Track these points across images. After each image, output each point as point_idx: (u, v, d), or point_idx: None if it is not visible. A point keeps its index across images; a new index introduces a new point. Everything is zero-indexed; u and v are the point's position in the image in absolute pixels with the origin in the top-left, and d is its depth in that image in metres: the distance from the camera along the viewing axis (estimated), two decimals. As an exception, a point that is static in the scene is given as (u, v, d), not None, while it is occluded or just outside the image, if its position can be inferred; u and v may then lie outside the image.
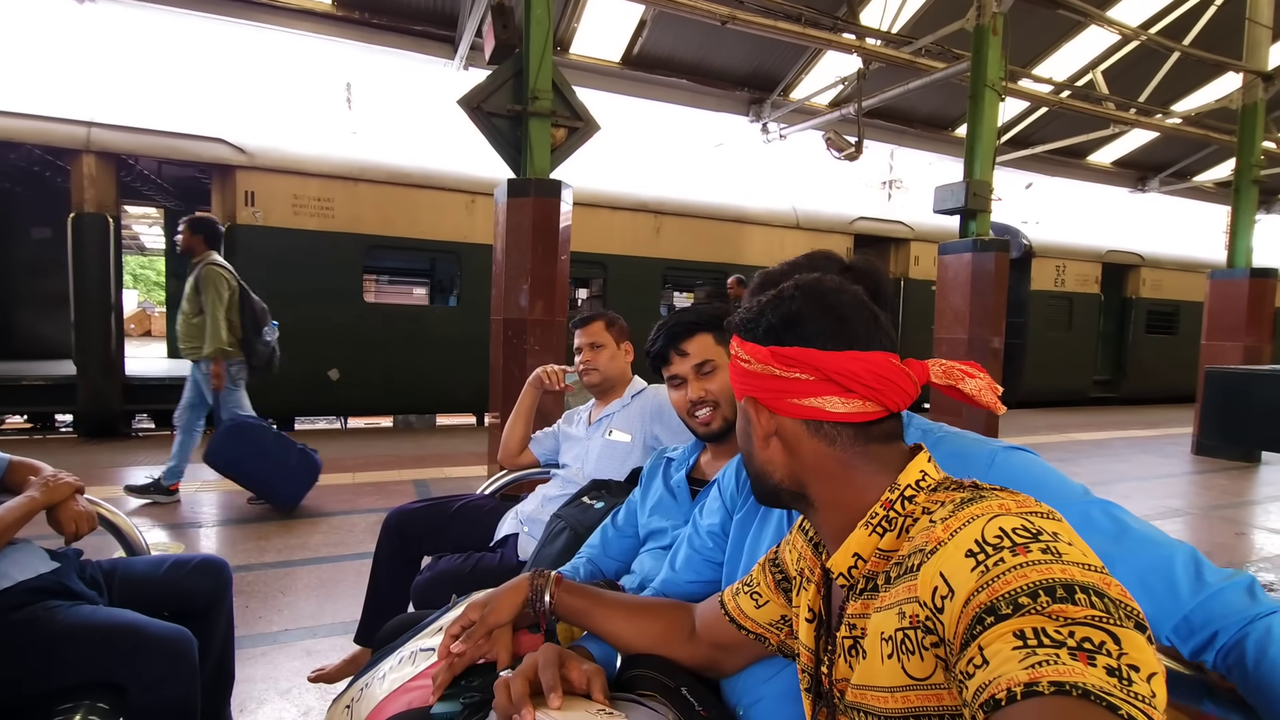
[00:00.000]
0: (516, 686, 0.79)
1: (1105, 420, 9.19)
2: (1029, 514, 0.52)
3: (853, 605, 0.64)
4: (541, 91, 3.70)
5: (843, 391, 0.66)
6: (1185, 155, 10.94)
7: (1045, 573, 0.46)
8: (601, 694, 0.82)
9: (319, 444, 5.99)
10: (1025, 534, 0.50)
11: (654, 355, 1.31)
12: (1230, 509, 4.80)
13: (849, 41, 6.15)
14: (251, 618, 2.53)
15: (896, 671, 0.56)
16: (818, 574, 0.75)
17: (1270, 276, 6.73)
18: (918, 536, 0.58)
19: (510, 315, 3.73)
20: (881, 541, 0.63)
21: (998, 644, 0.44)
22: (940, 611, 0.51)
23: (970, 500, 0.56)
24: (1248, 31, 6.88)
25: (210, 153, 6.26)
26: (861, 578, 0.64)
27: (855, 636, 0.63)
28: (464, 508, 1.89)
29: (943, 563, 0.52)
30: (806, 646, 0.73)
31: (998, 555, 0.49)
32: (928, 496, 0.63)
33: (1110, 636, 0.42)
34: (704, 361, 1.26)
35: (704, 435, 1.28)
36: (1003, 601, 0.46)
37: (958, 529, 0.53)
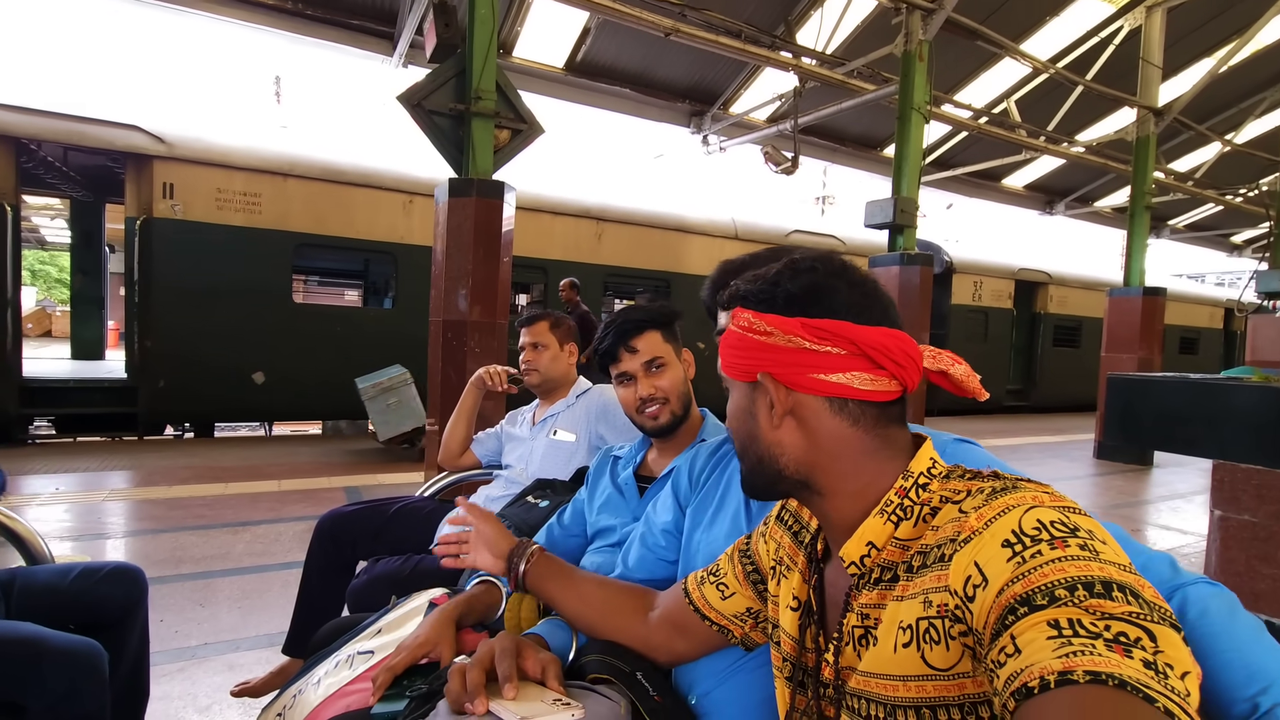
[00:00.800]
0: (473, 675, 0.78)
1: (1018, 427, 9.79)
2: (1065, 509, 0.51)
3: (866, 595, 0.62)
4: (485, 92, 3.67)
5: (873, 368, 0.64)
6: (1088, 181, 11.83)
7: (1084, 569, 0.45)
8: (557, 682, 0.82)
9: (240, 450, 5.70)
10: (1063, 528, 0.49)
11: (603, 353, 1.32)
12: (1127, 508, 5.20)
13: (786, 60, 6.37)
14: (166, 632, 2.38)
15: (913, 661, 0.55)
16: (801, 562, 0.74)
17: (1160, 295, 7.35)
18: (946, 526, 0.56)
19: (450, 317, 3.66)
20: (898, 530, 0.61)
21: (1031, 633, 0.44)
22: (971, 600, 0.50)
23: (1003, 490, 0.55)
24: (1141, 70, 7.52)
25: (124, 140, 5.88)
26: (876, 566, 0.62)
27: (867, 626, 0.61)
28: (402, 510, 1.84)
29: (977, 552, 0.51)
30: (790, 635, 0.72)
31: (1035, 547, 0.48)
32: (942, 485, 0.61)
33: (1146, 633, 0.42)
34: (654, 358, 1.28)
35: (652, 431, 1.30)
36: (1038, 593, 0.45)
37: (992, 518, 0.52)
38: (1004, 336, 11.62)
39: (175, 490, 4.33)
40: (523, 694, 0.79)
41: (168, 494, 4.25)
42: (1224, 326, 15.45)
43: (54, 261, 26.83)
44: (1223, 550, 2.29)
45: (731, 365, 0.70)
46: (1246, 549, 2.23)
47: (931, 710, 0.54)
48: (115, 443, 6.34)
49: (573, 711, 0.76)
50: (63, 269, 23.46)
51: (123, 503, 4.02)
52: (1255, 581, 2.21)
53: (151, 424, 6.47)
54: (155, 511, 3.85)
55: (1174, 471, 6.63)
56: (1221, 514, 2.30)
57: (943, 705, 0.53)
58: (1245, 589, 2.22)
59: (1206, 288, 18.49)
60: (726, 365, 0.71)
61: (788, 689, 0.72)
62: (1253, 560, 2.21)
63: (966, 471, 0.62)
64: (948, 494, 0.60)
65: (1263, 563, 2.20)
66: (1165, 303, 7.52)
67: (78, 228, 8.45)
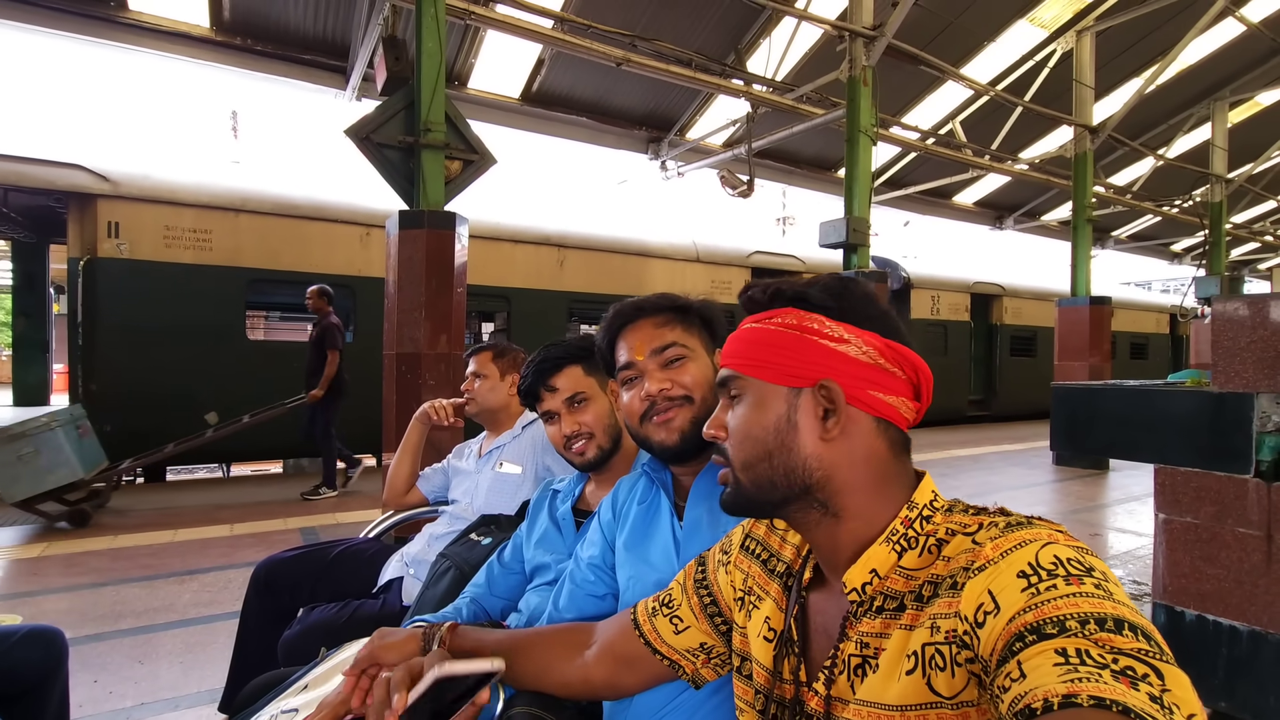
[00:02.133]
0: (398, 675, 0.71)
1: (980, 437, 9.97)
2: (1080, 549, 0.52)
3: (867, 623, 0.61)
4: (434, 124, 3.66)
5: (914, 397, 0.66)
6: (1034, 197, 12.28)
7: (1097, 606, 0.46)
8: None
9: (194, 493, 5.51)
10: (1079, 567, 0.50)
11: (524, 393, 1.30)
12: (1085, 512, 5.31)
13: (737, 87, 6.52)
14: (100, 694, 2.26)
15: (917, 689, 0.54)
16: (775, 591, 0.73)
17: (1106, 304, 7.61)
18: (959, 556, 0.57)
19: (404, 350, 3.61)
20: (902, 560, 0.61)
21: (1038, 659, 0.44)
22: (981, 626, 0.50)
23: (1019, 525, 0.56)
24: (1075, 90, 7.88)
25: (66, 180, 5.72)
26: (879, 594, 0.61)
27: (865, 655, 0.60)
28: (343, 554, 1.78)
29: (992, 580, 0.51)
30: (764, 667, 0.70)
31: (1051, 581, 0.48)
32: (945, 518, 0.62)
33: (1154, 671, 0.41)
34: (575, 394, 1.27)
35: (581, 466, 1.28)
36: (1049, 623, 0.46)
37: (1009, 550, 0.53)
38: (963, 349, 11.88)
39: (120, 540, 4.15)
40: None
41: (112, 544, 4.06)
42: (1170, 331, 16.05)
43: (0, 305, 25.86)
44: (1168, 553, 2.34)
45: (770, 365, 0.65)
46: (1190, 550, 2.28)
47: None
48: (59, 492, 6.05)
49: (492, 661, 0.73)
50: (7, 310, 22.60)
51: (62, 555, 3.83)
52: (1201, 582, 2.26)
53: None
54: (97, 564, 3.67)
55: (1129, 475, 6.80)
56: (1165, 517, 2.35)
57: None
58: (1191, 590, 2.27)
59: (1154, 295, 19.24)
60: (757, 364, 0.66)
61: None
62: (1197, 561, 2.26)
63: (970, 507, 0.63)
64: (955, 527, 0.60)
65: (1206, 564, 2.25)
66: (1112, 311, 7.79)
67: (20, 269, 8.16)
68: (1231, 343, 2.16)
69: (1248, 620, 2.12)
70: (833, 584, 0.68)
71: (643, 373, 1.00)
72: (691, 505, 0.98)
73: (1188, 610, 2.27)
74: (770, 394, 0.65)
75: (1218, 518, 2.21)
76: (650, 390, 0.97)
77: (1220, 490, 2.19)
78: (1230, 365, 2.16)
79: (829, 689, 0.62)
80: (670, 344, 1.00)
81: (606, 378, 1.32)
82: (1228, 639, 2.17)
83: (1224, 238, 10.97)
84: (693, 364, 1.00)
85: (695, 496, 0.98)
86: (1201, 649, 2.21)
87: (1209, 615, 2.23)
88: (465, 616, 1.25)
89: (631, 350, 1.01)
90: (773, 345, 0.65)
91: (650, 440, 0.99)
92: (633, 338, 1.02)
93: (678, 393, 0.97)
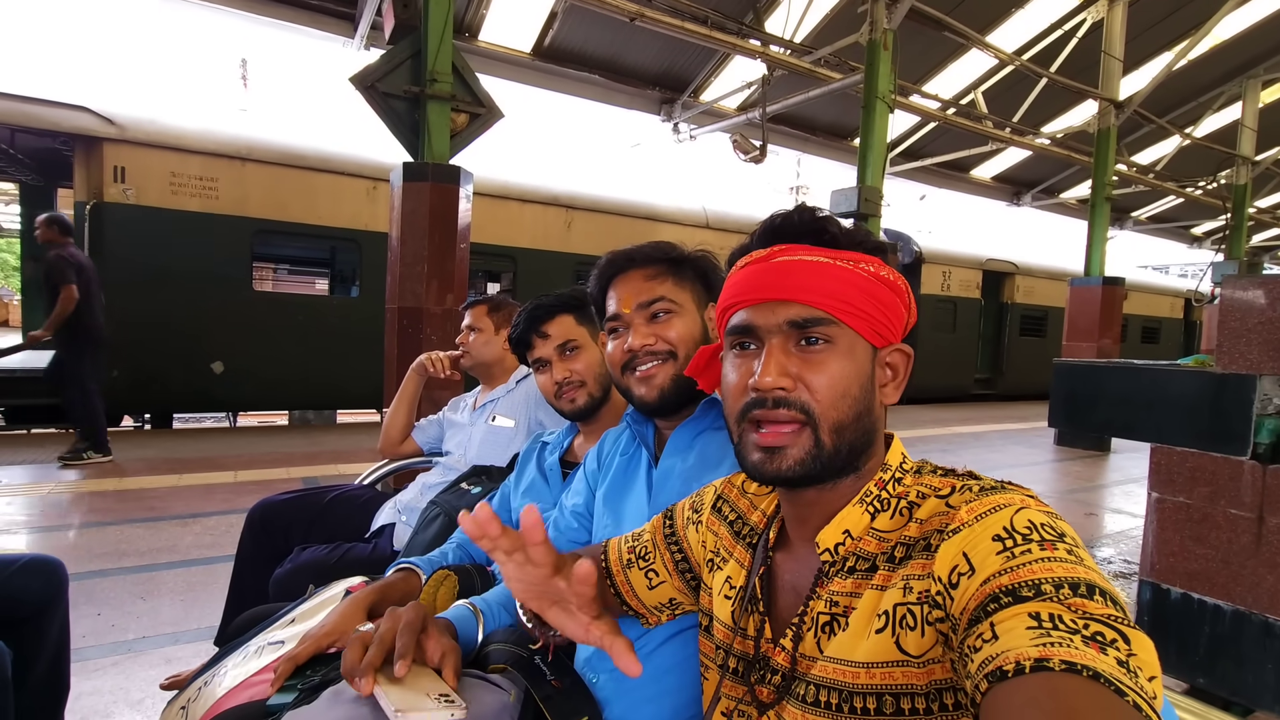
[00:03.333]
0: (372, 653, 0.75)
1: (983, 415, 9.96)
2: (1051, 514, 0.53)
3: (838, 583, 0.61)
4: (441, 74, 3.59)
5: None
6: (1054, 173, 12.02)
7: (1070, 570, 0.47)
8: (452, 674, 0.79)
9: (200, 441, 5.59)
10: (1052, 532, 0.50)
11: (516, 340, 1.30)
12: (1083, 492, 5.33)
13: (754, 48, 6.34)
14: (103, 626, 2.32)
15: (886, 647, 0.55)
16: (738, 553, 0.73)
17: (1119, 285, 7.50)
18: (932, 519, 0.57)
19: (405, 304, 3.60)
20: (874, 521, 0.61)
21: (1011, 622, 0.44)
22: (954, 587, 0.51)
23: (993, 489, 0.56)
24: (1103, 63, 7.64)
25: (72, 122, 5.67)
26: (851, 555, 0.61)
27: (835, 613, 0.60)
28: (338, 499, 1.81)
29: (966, 543, 0.52)
30: (724, 623, 0.71)
31: (1026, 545, 0.49)
32: (916, 480, 0.62)
33: (1122, 636, 0.43)
34: (567, 342, 1.27)
35: (571, 414, 1.28)
36: (1024, 586, 0.46)
37: (983, 513, 0.53)
38: (972, 326, 11.79)
39: (126, 482, 4.23)
40: (414, 680, 0.77)
41: (118, 485, 4.14)
42: (1184, 316, 15.86)
43: (10, 248, 25.94)
44: (1159, 531, 2.35)
45: (866, 316, 0.61)
46: (1181, 530, 2.29)
47: (894, 698, 0.54)
48: (69, 434, 6.16)
49: (453, 711, 0.72)
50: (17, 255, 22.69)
51: (69, 495, 3.91)
52: (1189, 561, 2.27)
53: (106, 415, 6.30)
54: (103, 504, 3.75)
55: (1130, 457, 6.80)
56: (1158, 496, 2.35)
57: (906, 693, 0.54)
58: (1179, 569, 2.29)
59: (1170, 279, 18.96)
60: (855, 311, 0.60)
61: (719, 676, 0.71)
62: (1186, 541, 2.27)
63: (938, 468, 0.63)
64: (926, 489, 0.61)
65: (1196, 543, 2.26)
66: (1124, 292, 7.68)
67: (28, 213, 8.17)
68: (1239, 324, 2.13)
69: (1232, 600, 2.14)
70: (800, 544, 0.68)
71: (628, 325, 0.98)
72: (667, 455, 0.98)
73: (1174, 588, 2.29)
74: (860, 348, 0.62)
75: (1211, 498, 2.21)
76: (633, 344, 0.96)
77: (1215, 471, 2.19)
78: (1235, 346, 2.13)
79: (796, 645, 0.62)
80: (658, 298, 0.97)
81: (598, 329, 1.32)
82: (1211, 617, 2.19)
83: (1246, 222, 10.74)
84: (679, 320, 0.97)
85: (672, 447, 0.98)
86: (1185, 626, 2.24)
87: (1194, 594, 2.25)
88: (451, 560, 1.27)
89: (620, 301, 0.99)
90: (870, 295, 0.61)
91: (631, 393, 0.99)
92: (622, 288, 1.00)
93: (661, 348, 0.96)
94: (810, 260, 0.62)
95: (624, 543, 0.86)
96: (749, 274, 0.64)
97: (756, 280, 0.63)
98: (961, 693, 0.52)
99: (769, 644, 0.66)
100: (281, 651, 1.03)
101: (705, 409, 0.97)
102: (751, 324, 0.63)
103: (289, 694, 0.87)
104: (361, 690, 0.73)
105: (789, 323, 0.61)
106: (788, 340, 0.61)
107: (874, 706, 0.55)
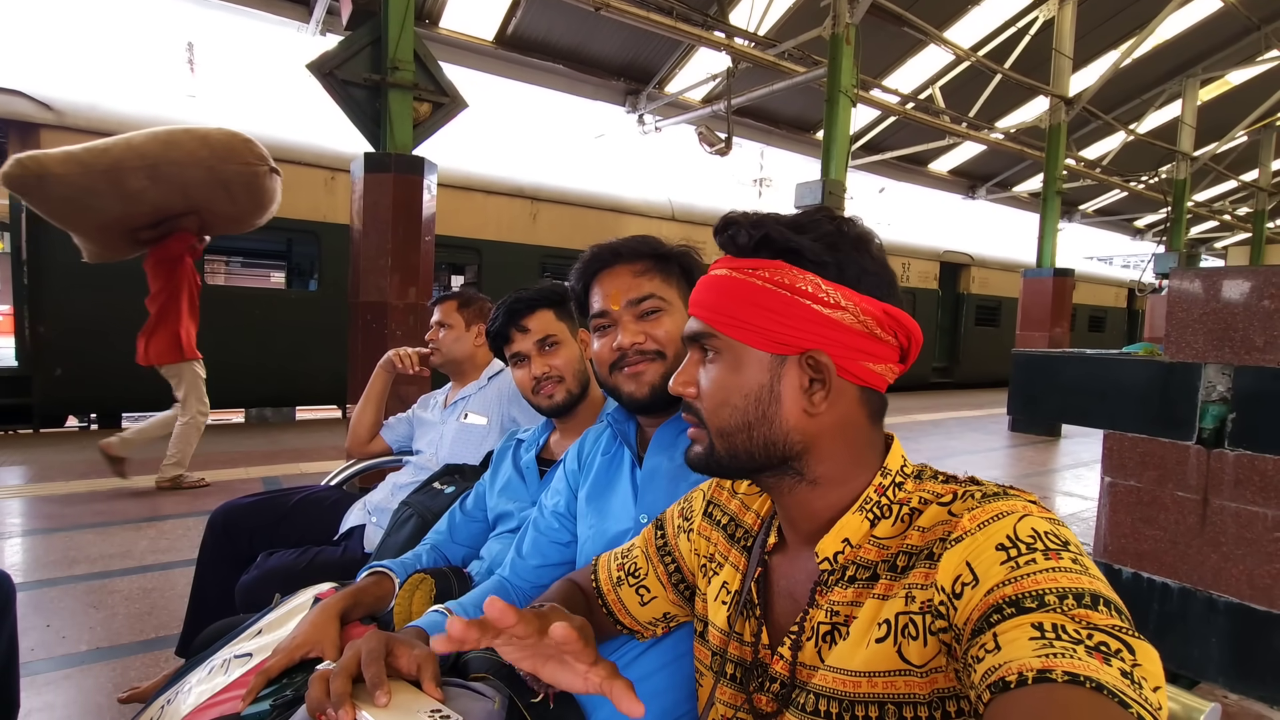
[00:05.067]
0: (337, 684, 0.69)
1: (941, 403, 10.24)
2: (1054, 521, 0.52)
3: (839, 592, 0.60)
4: (402, 62, 3.50)
5: (900, 362, 0.63)
6: (1007, 167, 12.38)
7: (1075, 581, 0.46)
8: (432, 682, 0.75)
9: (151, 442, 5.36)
10: (1056, 540, 0.50)
11: (494, 334, 1.28)
12: (1036, 477, 5.53)
13: (718, 40, 6.35)
14: (53, 638, 2.22)
15: (887, 656, 0.54)
16: (734, 556, 0.72)
17: (1069, 275, 7.78)
18: (935, 527, 0.56)
19: (369, 299, 3.52)
20: (875, 529, 0.60)
21: (1014, 633, 0.44)
22: (958, 597, 0.50)
23: (995, 495, 0.55)
24: (1054, 60, 7.88)
25: (5, 107, 5.36)
26: (851, 564, 0.60)
27: (835, 623, 0.59)
28: (304, 501, 1.76)
29: (970, 552, 0.51)
30: (719, 628, 0.70)
31: (1030, 555, 0.48)
32: (917, 485, 0.61)
33: (1126, 647, 0.42)
34: (546, 337, 1.25)
35: (549, 411, 1.27)
36: (1028, 597, 0.46)
37: (986, 521, 0.52)
38: (930, 316, 12.08)
39: (72, 485, 4.05)
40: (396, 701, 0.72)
41: (64, 489, 3.96)
42: (1128, 306, 16.54)
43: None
44: (1111, 514, 2.45)
45: (753, 327, 0.60)
46: (1131, 512, 2.39)
47: (897, 707, 0.54)
48: (9, 436, 5.86)
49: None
50: (-54, 249, 21.40)
51: (11, 501, 3.72)
52: (1139, 542, 2.37)
53: (49, 415, 6.01)
54: (48, 509, 3.58)
55: (1079, 442, 7.07)
56: (1110, 480, 2.45)
57: (909, 702, 0.53)
58: (1130, 550, 2.39)
59: (1114, 269, 19.72)
60: (739, 324, 0.60)
61: (713, 682, 0.70)
62: (1137, 523, 2.37)
63: (939, 473, 0.62)
64: (928, 496, 0.59)
65: (1146, 525, 2.36)
66: (1074, 283, 7.96)
67: (-43, 203, 7.70)
68: (1185, 315, 2.22)
69: (1179, 578, 2.25)
70: (796, 548, 0.67)
71: (616, 322, 0.96)
72: (651, 454, 0.97)
73: (1125, 568, 2.39)
74: (751, 359, 0.60)
75: (1159, 482, 2.32)
76: (623, 342, 0.95)
77: (1164, 455, 2.29)
78: (1182, 336, 2.23)
79: (795, 654, 0.62)
80: (647, 295, 0.96)
81: (577, 325, 1.30)
82: (1160, 595, 2.30)
83: (1185, 215, 11.24)
84: (668, 318, 0.96)
85: (655, 446, 0.98)
86: (1135, 604, 2.34)
87: (1144, 573, 2.35)
88: (425, 563, 1.25)
89: (606, 298, 0.97)
90: (758, 305, 0.60)
91: (620, 391, 0.97)
92: (608, 284, 0.98)
93: (650, 347, 0.95)
94: (713, 275, 0.65)
95: (613, 560, 0.85)
96: None
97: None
98: (964, 700, 0.52)
99: (766, 650, 0.65)
100: (250, 665, 1.00)
101: None
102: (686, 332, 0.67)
103: (261, 704, 0.85)
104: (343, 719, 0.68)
105: (689, 337, 0.65)
106: (695, 351, 0.65)
107: (876, 715, 0.55)
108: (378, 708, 0.69)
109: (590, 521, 1.01)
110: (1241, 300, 2.10)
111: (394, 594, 1.10)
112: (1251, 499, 2.08)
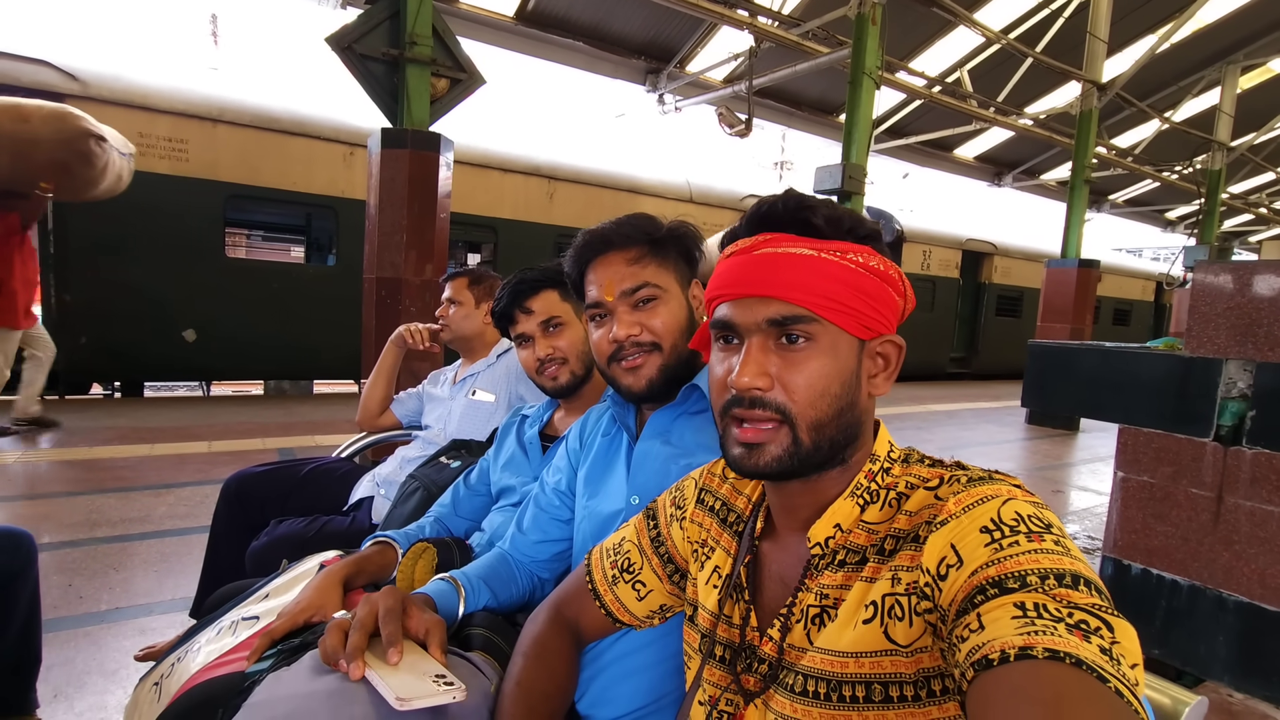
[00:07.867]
0: (354, 638, 0.71)
1: (958, 393, 10.14)
2: (1038, 504, 0.53)
3: (828, 576, 0.61)
4: (420, 37, 3.49)
5: None
6: (1035, 155, 12.10)
7: (1057, 562, 0.47)
8: (439, 649, 0.77)
9: (172, 410, 5.49)
10: (1039, 523, 0.51)
11: (499, 315, 1.28)
12: (1051, 470, 5.47)
13: (741, 18, 6.24)
14: (73, 597, 2.29)
15: (874, 637, 0.55)
16: (725, 541, 0.73)
17: (1094, 267, 7.62)
18: (921, 511, 0.57)
19: (384, 274, 3.54)
20: (864, 514, 0.61)
21: (997, 612, 0.45)
22: (943, 579, 0.51)
23: (980, 480, 0.56)
24: (1088, 44, 7.65)
25: (31, 77, 5.42)
26: (840, 549, 0.61)
27: (824, 606, 0.60)
28: (315, 471, 1.79)
29: (954, 535, 0.52)
30: (709, 611, 0.71)
31: (1013, 537, 0.50)
32: (904, 470, 0.62)
33: (1106, 625, 0.44)
34: (550, 318, 1.25)
35: (553, 391, 1.27)
36: (1010, 578, 0.47)
37: (971, 504, 0.54)
38: (949, 305, 11.92)
39: (95, 451, 4.15)
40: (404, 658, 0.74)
41: (88, 455, 4.06)
42: (1155, 299, 16.19)
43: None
44: (1123, 509, 2.42)
45: (852, 311, 0.59)
46: (1144, 508, 2.36)
47: (883, 686, 0.55)
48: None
49: (454, 694, 0.70)
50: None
51: (36, 465, 3.83)
52: (1150, 538, 2.35)
53: (74, 383, 6.15)
54: (72, 474, 3.68)
55: (1097, 436, 6.98)
56: (1124, 475, 2.42)
57: (895, 681, 0.55)
58: (1140, 545, 2.36)
59: (1143, 262, 19.27)
60: (840, 307, 0.59)
61: (696, 661, 0.71)
62: (1148, 519, 2.35)
63: (925, 458, 0.63)
64: (915, 480, 0.60)
65: (1157, 521, 2.33)
66: (1099, 275, 7.80)
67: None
68: (1208, 308, 2.17)
69: (1189, 575, 2.22)
70: (786, 533, 0.67)
71: (611, 313, 0.94)
72: (646, 436, 0.97)
73: (1134, 564, 2.37)
74: (844, 343, 0.60)
75: (1173, 478, 2.28)
76: (618, 335, 0.92)
77: (1179, 451, 2.25)
78: (1204, 330, 2.18)
79: (784, 636, 0.62)
80: (642, 284, 0.93)
81: (582, 304, 1.30)
82: (1169, 592, 2.27)
83: (1219, 207, 10.94)
84: (664, 306, 0.94)
85: (650, 430, 0.97)
86: (1143, 600, 2.32)
87: (1154, 569, 2.33)
88: (429, 533, 1.27)
89: (601, 288, 0.94)
90: (856, 288, 0.59)
91: (618, 382, 0.96)
92: (602, 273, 0.95)
93: (646, 339, 0.93)
94: (793, 253, 0.60)
95: (605, 557, 0.84)
96: (733, 265, 0.62)
97: (739, 274, 0.61)
98: (949, 679, 0.53)
99: (754, 633, 0.66)
100: (257, 627, 1.02)
101: (685, 394, 0.95)
102: (731, 320, 0.61)
103: (265, 663, 0.87)
104: (352, 675, 0.70)
105: (768, 321, 0.59)
106: (767, 338, 0.60)
107: (863, 695, 0.56)
108: (388, 665, 0.71)
109: (584, 503, 1.02)
110: (1268, 296, 2.05)
111: (396, 563, 1.12)
112: (1268, 498, 2.05)
